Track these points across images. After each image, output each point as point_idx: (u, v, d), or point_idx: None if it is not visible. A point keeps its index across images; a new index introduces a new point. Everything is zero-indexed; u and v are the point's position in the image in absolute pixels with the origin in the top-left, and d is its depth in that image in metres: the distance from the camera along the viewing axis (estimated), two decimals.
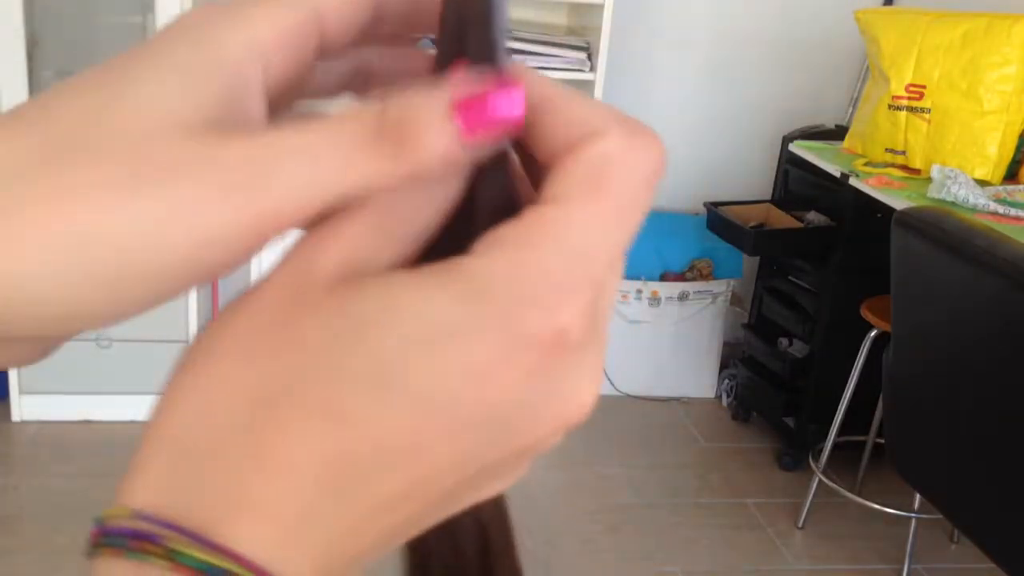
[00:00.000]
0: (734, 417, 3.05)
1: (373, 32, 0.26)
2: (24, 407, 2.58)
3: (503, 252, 0.22)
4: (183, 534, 0.21)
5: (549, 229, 0.22)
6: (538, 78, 0.24)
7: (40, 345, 0.25)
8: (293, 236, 0.24)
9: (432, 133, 0.22)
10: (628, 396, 3.10)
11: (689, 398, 3.15)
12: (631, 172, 0.23)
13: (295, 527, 0.21)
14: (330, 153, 0.22)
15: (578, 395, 0.23)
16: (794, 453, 2.76)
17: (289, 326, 0.22)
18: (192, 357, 0.23)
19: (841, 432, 2.50)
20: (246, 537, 0.21)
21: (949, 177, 2.24)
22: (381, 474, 0.22)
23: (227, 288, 2.84)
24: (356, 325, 0.21)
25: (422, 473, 0.22)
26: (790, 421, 2.80)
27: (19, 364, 0.25)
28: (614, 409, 3.04)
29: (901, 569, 2.34)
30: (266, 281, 0.23)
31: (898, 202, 2.20)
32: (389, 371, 0.21)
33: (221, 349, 0.22)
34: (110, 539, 0.21)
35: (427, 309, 0.21)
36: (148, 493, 0.21)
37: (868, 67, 2.73)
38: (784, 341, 2.81)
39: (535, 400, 0.22)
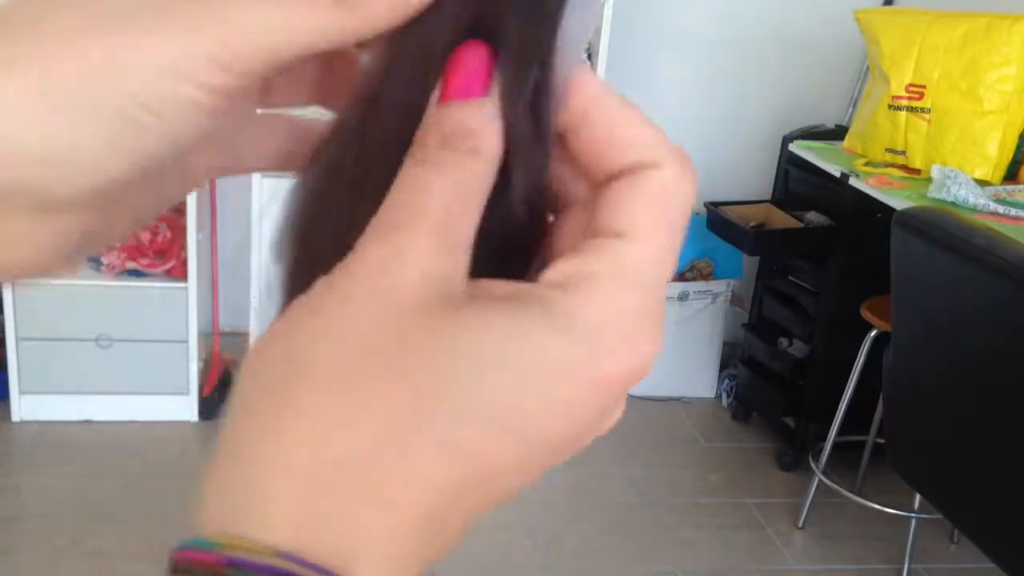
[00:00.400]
0: (734, 417, 3.05)
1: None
2: (24, 407, 2.58)
3: (598, 291, 0.23)
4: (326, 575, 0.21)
5: (631, 268, 0.24)
6: (593, 81, 0.25)
7: (55, 231, 0.25)
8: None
9: None
10: (628, 396, 3.07)
11: (689, 398, 3.15)
12: (684, 204, 0.25)
13: (408, 565, 0.22)
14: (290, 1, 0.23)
15: (623, 404, 0.26)
16: (794, 453, 2.76)
17: (402, 354, 0.22)
18: (292, 376, 0.22)
19: (841, 432, 2.50)
20: None
21: (949, 177, 2.24)
22: (476, 500, 0.23)
23: (227, 294, 2.84)
24: (473, 364, 0.22)
25: (504, 490, 0.24)
26: (790, 421, 2.80)
27: (42, 265, 0.26)
28: None
29: (901, 569, 2.34)
30: (342, 295, 0.23)
31: (898, 202, 2.20)
32: (506, 411, 0.22)
33: (331, 373, 0.22)
34: (247, 574, 0.20)
35: (543, 353, 0.22)
36: (286, 530, 0.21)
37: (868, 67, 2.73)
38: (784, 341, 2.80)
39: (604, 419, 0.25)
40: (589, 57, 2.65)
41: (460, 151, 0.23)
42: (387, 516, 0.21)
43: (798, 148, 2.77)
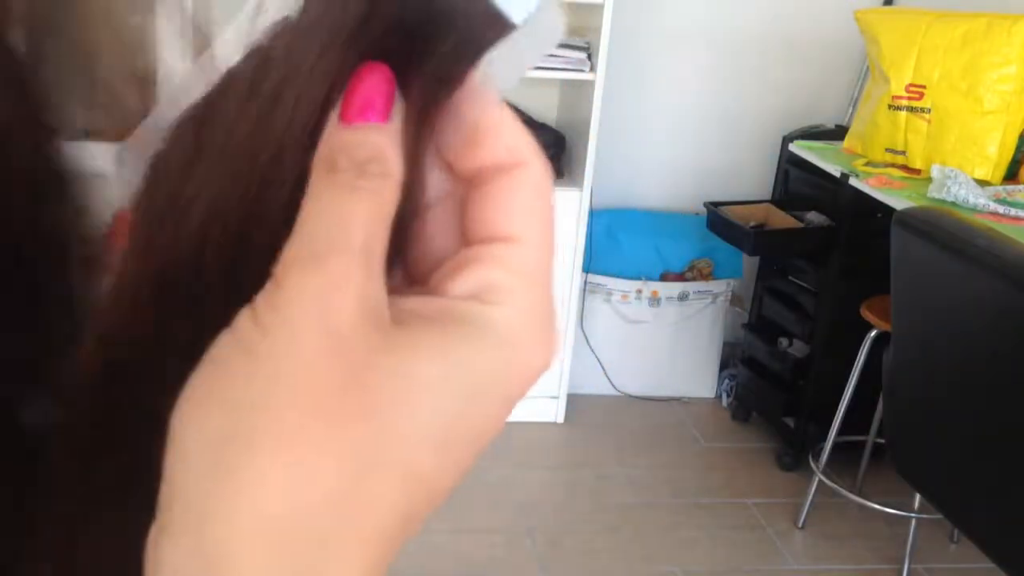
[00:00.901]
0: (734, 417, 3.05)
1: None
2: None
3: (508, 299, 0.25)
4: None
5: (529, 271, 0.25)
6: (486, 95, 0.25)
7: None
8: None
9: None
10: (628, 396, 3.10)
11: (689, 398, 3.15)
12: (552, 199, 0.26)
13: None
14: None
15: None
16: (794, 453, 2.76)
17: (351, 391, 0.22)
18: (243, 429, 0.21)
19: (841, 432, 2.50)
20: None
21: (949, 177, 2.24)
22: (428, 509, 0.24)
23: None
24: (418, 388, 0.23)
25: (442, 497, 0.24)
26: (790, 421, 2.80)
27: None
28: (614, 409, 3.04)
29: (901, 569, 2.34)
30: (277, 331, 0.22)
31: (898, 202, 2.20)
32: (450, 425, 0.23)
33: (290, 418, 0.21)
34: None
35: (475, 367, 0.24)
36: None
37: (868, 67, 2.73)
38: (784, 341, 2.80)
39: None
40: (589, 57, 2.65)
41: (376, 176, 0.23)
42: (351, 555, 0.22)
43: (798, 148, 2.77)
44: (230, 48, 0.24)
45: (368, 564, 0.22)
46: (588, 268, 2.91)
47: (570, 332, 2.86)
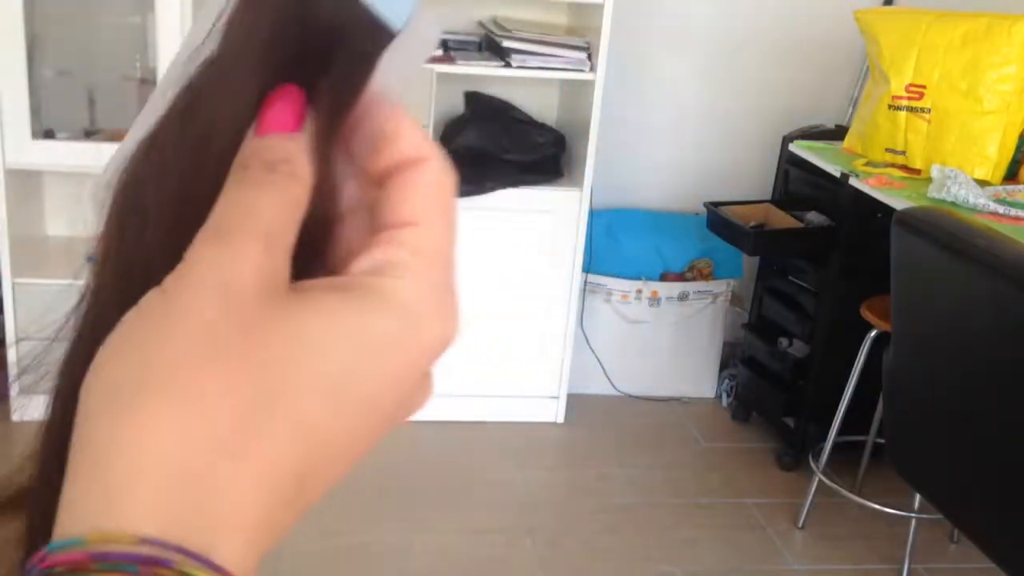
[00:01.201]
0: (734, 417, 3.05)
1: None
2: (24, 407, 2.58)
3: (407, 273, 0.27)
4: (191, 557, 0.22)
5: (428, 250, 0.27)
6: (388, 102, 0.28)
7: None
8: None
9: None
10: (628, 396, 3.10)
11: (689, 398, 3.15)
12: (452, 190, 0.29)
13: (263, 535, 0.24)
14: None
15: (433, 381, 0.29)
16: (794, 453, 2.76)
17: (245, 344, 0.24)
18: (142, 375, 0.23)
19: (841, 432, 2.50)
20: (229, 555, 0.22)
21: (949, 177, 2.24)
22: (328, 469, 0.25)
23: None
24: (311, 344, 0.24)
25: (346, 459, 0.26)
26: (790, 421, 2.80)
27: None
28: (614, 409, 3.04)
29: (901, 569, 2.34)
30: (178, 294, 0.24)
31: (898, 202, 2.20)
32: (342, 383, 0.25)
33: (182, 367, 0.23)
34: (113, 564, 0.21)
35: (369, 328, 0.25)
36: (147, 519, 0.22)
37: (868, 67, 2.73)
38: (784, 341, 2.81)
39: (421, 391, 0.28)
40: (589, 57, 2.65)
41: (282, 173, 0.26)
42: (242, 496, 0.23)
43: (798, 148, 2.77)
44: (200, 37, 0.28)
45: (259, 509, 0.23)
46: (588, 268, 2.91)
47: (570, 332, 2.86)
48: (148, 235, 0.27)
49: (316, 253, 0.28)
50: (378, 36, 0.27)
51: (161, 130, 0.27)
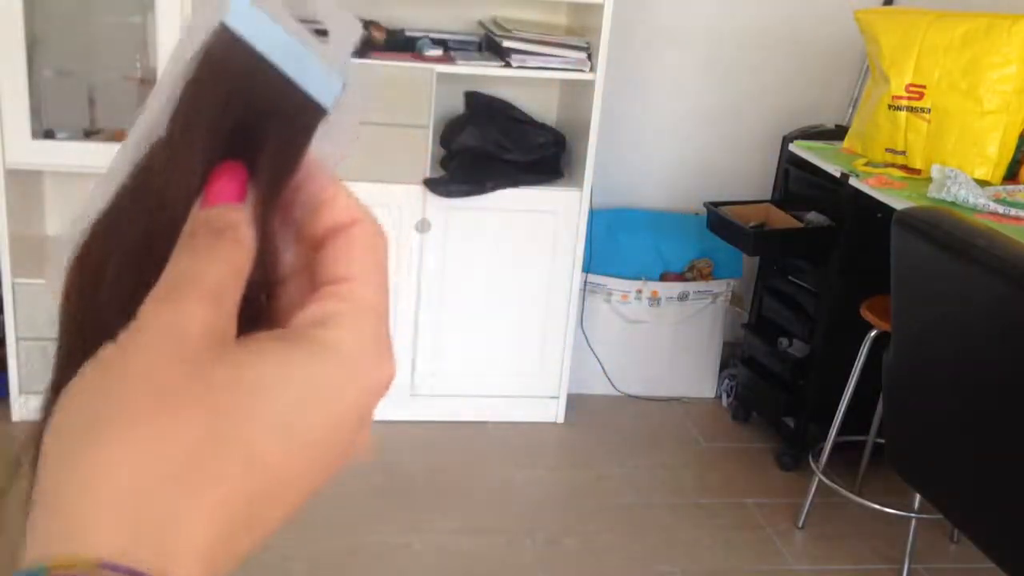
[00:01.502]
0: (734, 417, 3.05)
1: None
2: (24, 407, 2.58)
3: (346, 325, 0.29)
4: None
5: (364, 304, 0.30)
6: (324, 172, 0.31)
7: None
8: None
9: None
10: (628, 396, 3.10)
11: (689, 398, 3.15)
12: (385, 247, 0.32)
13: (219, 563, 0.26)
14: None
15: (371, 424, 0.31)
16: (794, 453, 2.76)
17: (196, 389, 0.26)
18: (99, 416, 0.25)
19: (841, 432, 2.50)
20: None
21: (949, 177, 2.24)
22: (281, 502, 0.27)
23: None
24: (259, 388, 0.27)
25: (297, 496, 0.28)
26: (790, 421, 2.80)
27: None
28: (614, 409, 3.04)
29: (901, 569, 2.34)
30: (130, 348, 0.26)
31: (898, 202, 2.20)
32: (291, 423, 0.27)
33: (136, 409, 0.25)
34: None
35: (314, 374, 0.28)
36: (104, 545, 0.23)
37: (868, 67, 2.73)
38: (784, 341, 2.81)
39: (362, 433, 0.30)
40: (589, 57, 2.65)
41: (227, 240, 0.28)
42: (196, 525, 0.25)
43: (798, 148, 2.77)
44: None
45: (213, 536, 0.25)
46: (588, 268, 2.91)
47: (570, 332, 2.86)
48: (103, 295, 0.30)
49: (260, 311, 0.31)
50: (311, 114, 0.30)
51: (118, 202, 0.30)
